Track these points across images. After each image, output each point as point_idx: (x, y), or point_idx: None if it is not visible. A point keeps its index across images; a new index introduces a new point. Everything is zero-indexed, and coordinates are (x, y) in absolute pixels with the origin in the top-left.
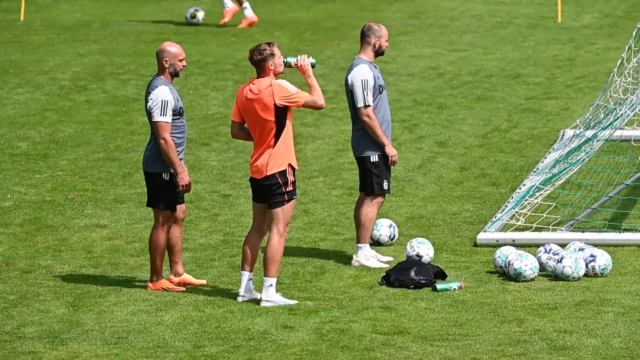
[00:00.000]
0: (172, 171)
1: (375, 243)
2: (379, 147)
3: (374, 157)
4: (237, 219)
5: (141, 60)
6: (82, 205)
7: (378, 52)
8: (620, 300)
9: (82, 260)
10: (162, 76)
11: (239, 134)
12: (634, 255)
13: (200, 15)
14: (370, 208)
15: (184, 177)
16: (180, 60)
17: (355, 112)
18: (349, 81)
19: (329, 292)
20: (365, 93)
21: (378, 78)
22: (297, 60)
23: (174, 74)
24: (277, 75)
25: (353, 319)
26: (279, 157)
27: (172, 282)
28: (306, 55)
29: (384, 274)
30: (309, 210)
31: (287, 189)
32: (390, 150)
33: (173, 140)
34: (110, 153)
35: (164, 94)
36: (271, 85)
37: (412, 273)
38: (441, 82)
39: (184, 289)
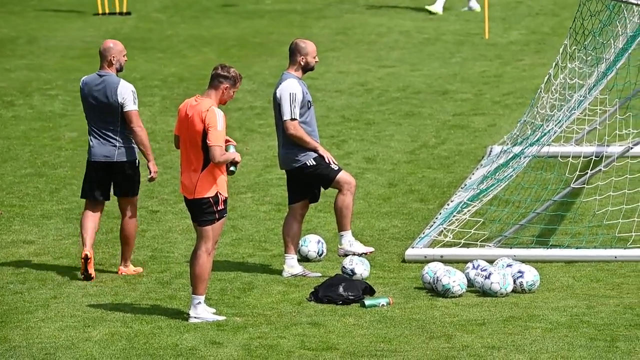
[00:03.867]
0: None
1: (304, 259)
2: (311, 152)
3: (310, 162)
4: (165, 235)
5: (68, 75)
6: (9, 221)
7: (306, 69)
8: (547, 316)
9: (9, 277)
10: (109, 70)
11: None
12: (561, 271)
13: None
14: (344, 196)
15: (155, 164)
16: (124, 56)
17: (281, 126)
18: (277, 95)
19: (257, 308)
20: (293, 107)
21: (306, 94)
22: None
23: (119, 69)
24: (220, 104)
25: (281, 335)
26: (206, 182)
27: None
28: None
29: (312, 290)
30: (237, 226)
31: (218, 208)
32: (324, 152)
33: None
34: (38, 169)
35: (130, 86)
36: (208, 110)
37: (341, 289)
38: (369, 98)
39: (141, 269)
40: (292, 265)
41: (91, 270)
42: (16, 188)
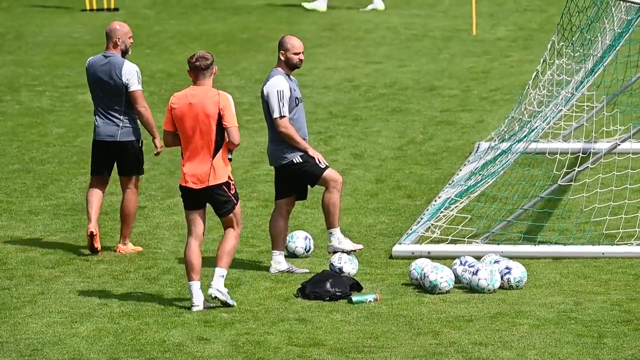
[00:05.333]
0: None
1: (291, 255)
2: (299, 151)
3: (297, 159)
4: (152, 231)
5: (56, 71)
6: None
7: (289, 65)
8: (535, 312)
9: None
10: (115, 52)
11: (172, 143)
12: (548, 267)
13: None
14: (330, 194)
15: (160, 141)
16: (129, 38)
17: (271, 124)
18: (265, 92)
19: (244, 304)
20: (281, 104)
21: (294, 90)
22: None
23: (125, 51)
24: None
25: (269, 331)
26: (219, 168)
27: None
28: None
29: (300, 286)
30: None
31: (232, 192)
32: (314, 152)
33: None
34: (25, 165)
35: (134, 66)
36: (219, 94)
37: (328, 285)
38: (356, 94)
39: (141, 248)
40: (279, 262)
41: (97, 245)
42: (3, 184)
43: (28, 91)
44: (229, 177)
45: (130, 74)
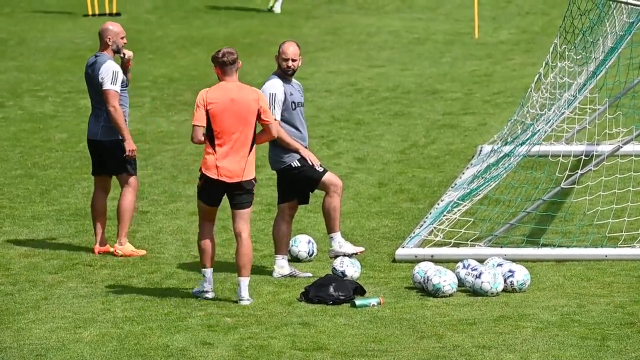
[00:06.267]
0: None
1: (294, 259)
2: (295, 153)
3: (295, 163)
4: (155, 235)
5: (58, 77)
6: None
7: (282, 70)
8: (538, 315)
9: None
10: (105, 52)
11: (203, 139)
12: (552, 270)
13: None
14: (331, 198)
15: (131, 143)
16: (122, 38)
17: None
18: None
19: (247, 308)
20: (272, 107)
21: (291, 94)
22: None
23: (116, 51)
24: None
25: (272, 335)
26: (252, 164)
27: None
28: None
29: (303, 290)
30: (228, 226)
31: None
32: (307, 153)
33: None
34: (28, 170)
35: (113, 65)
36: (257, 91)
37: (331, 289)
38: (359, 98)
39: (144, 252)
40: (282, 266)
41: (107, 251)
42: (6, 189)
43: (30, 96)
44: (255, 174)
45: (106, 73)
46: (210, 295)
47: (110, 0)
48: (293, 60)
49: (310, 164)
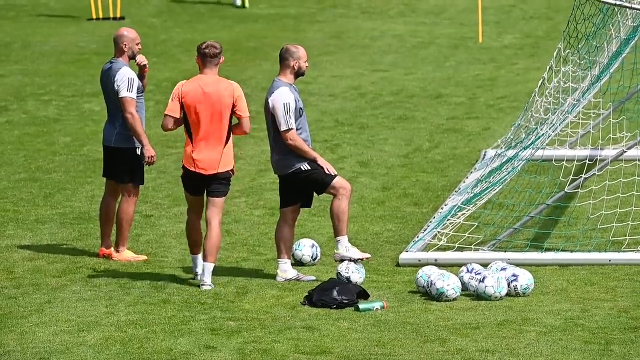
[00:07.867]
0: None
1: (298, 263)
2: (305, 159)
3: (305, 166)
4: (159, 239)
5: (62, 81)
6: (3, 226)
7: (298, 74)
8: (542, 319)
9: (3, 281)
10: (121, 59)
11: (173, 128)
12: (555, 274)
13: None
14: (340, 201)
15: (150, 149)
16: (137, 44)
17: (275, 135)
18: (271, 105)
19: (251, 312)
20: (288, 117)
21: (299, 101)
22: None
23: (132, 57)
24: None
25: (276, 339)
26: (229, 156)
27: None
28: None
29: (307, 294)
30: (231, 230)
31: (230, 182)
32: (323, 162)
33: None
34: (32, 174)
35: (129, 72)
36: (233, 84)
37: (335, 293)
38: (363, 102)
39: (146, 257)
40: (285, 270)
41: (110, 254)
42: (10, 193)
43: (35, 100)
44: (234, 166)
45: (122, 80)
46: (198, 278)
47: (115, 5)
48: None
49: (323, 169)
